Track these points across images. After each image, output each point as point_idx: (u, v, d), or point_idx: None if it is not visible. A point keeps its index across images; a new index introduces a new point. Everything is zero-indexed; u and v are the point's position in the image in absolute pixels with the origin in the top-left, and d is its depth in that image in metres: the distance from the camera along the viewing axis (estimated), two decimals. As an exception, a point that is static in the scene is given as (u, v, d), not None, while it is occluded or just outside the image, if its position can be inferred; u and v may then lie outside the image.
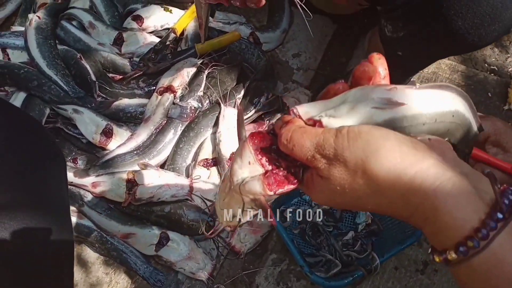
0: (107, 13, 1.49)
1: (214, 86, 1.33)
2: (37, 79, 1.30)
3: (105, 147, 1.25)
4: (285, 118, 0.49)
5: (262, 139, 0.50)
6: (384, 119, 0.45)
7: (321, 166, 0.44)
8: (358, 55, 1.50)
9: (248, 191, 0.50)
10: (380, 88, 0.45)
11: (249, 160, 0.50)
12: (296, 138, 0.45)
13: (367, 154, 0.41)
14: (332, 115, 0.46)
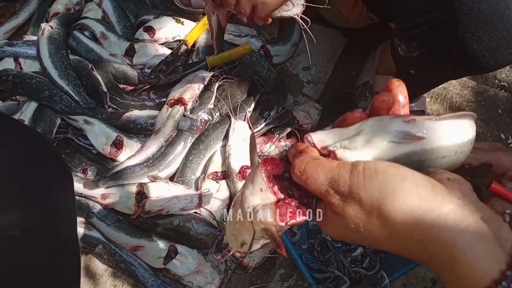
0: (119, 24, 1.50)
1: (224, 98, 1.33)
2: (49, 89, 1.31)
3: (115, 158, 1.25)
4: (299, 147, 0.48)
5: (275, 166, 0.49)
6: (401, 153, 0.44)
7: (335, 201, 0.43)
8: (368, 68, 1.50)
9: (259, 220, 0.49)
10: (399, 120, 0.44)
11: (261, 187, 0.49)
12: (310, 171, 0.44)
13: (383, 196, 0.40)
14: (347, 147, 0.45)
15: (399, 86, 0.46)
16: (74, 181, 1.18)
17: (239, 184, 1.19)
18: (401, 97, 0.46)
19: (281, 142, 1.31)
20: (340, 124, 0.48)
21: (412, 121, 0.44)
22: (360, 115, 0.47)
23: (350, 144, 0.45)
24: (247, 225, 0.51)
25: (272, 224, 0.48)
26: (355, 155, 0.44)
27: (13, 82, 1.32)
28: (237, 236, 0.55)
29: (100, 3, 1.54)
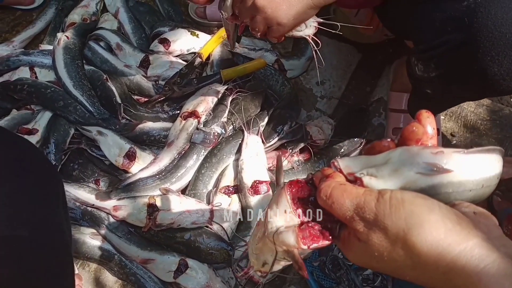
0: (135, 35, 1.51)
1: (238, 112, 1.33)
2: (63, 99, 1.32)
3: (128, 170, 1.25)
4: (325, 171, 0.48)
5: (300, 188, 0.49)
6: (428, 184, 0.44)
7: (359, 228, 0.43)
8: (382, 84, 1.50)
9: (282, 242, 0.49)
10: (427, 152, 0.44)
11: (285, 208, 0.49)
12: (336, 196, 0.44)
13: (409, 226, 0.40)
14: (374, 175, 0.45)
15: (428, 118, 0.47)
16: (86, 191, 1.20)
17: (251, 198, 1.19)
18: (430, 128, 0.46)
19: (294, 157, 1.30)
20: (368, 151, 0.48)
21: (440, 153, 0.44)
22: (388, 144, 0.47)
23: (377, 172, 0.45)
24: (269, 246, 0.51)
25: (295, 247, 0.48)
26: (381, 184, 0.44)
27: (28, 91, 1.33)
28: (259, 255, 0.55)
29: (116, 14, 1.56)
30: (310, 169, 1.29)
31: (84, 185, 1.23)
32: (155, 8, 1.62)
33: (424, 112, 0.47)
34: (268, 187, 1.20)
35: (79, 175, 1.28)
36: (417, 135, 0.46)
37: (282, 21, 0.85)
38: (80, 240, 1.17)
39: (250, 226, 1.19)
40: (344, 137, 1.35)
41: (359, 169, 0.47)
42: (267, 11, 0.84)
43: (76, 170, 1.28)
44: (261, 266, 0.56)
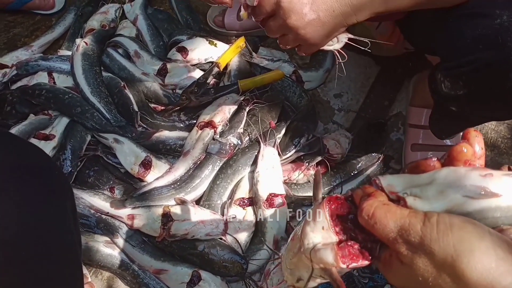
0: (153, 43, 1.51)
1: (254, 123, 1.32)
2: (81, 106, 1.32)
3: (143, 178, 1.25)
4: (367, 189, 0.47)
5: (339, 205, 0.48)
6: (475, 208, 0.42)
7: (403, 251, 0.42)
8: (401, 99, 1.48)
9: (319, 260, 0.48)
10: (475, 174, 0.42)
11: (323, 225, 0.48)
12: (379, 216, 0.43)
13: (458, 253, 0.39)
14: (418, 195, 0.44)
15: (477, 137, 0.45)
16: (101, 199, 1.20)
17: (266, 211, 1.18)
18: (478, 147, 0.45)
19: (310, 170, 1.29)
20: (412, 170, 0.47)
21: (489, 176, 0.42)
22: (433, 163, 0.45)
23: (422, 192, 0.44)
24: (305, 262, 0.50)
25: (333, 265, 0.47)
26: (426, 205, 0.43)
27: (46, 96, 1.33)
28: (293, 270, 0.54)
29: (134, 21, 1.56)
30: (326, 184, 1.28)
31: (99, 193, 1.23)
32: (174, 16, 1.62)
33: (473, 131, 0.45)
34: (284, 200, 1.19)
35: (94, 182, 1.27)
36: (466, 156, 0.44)
37: (315, 40, 0.84)
38: (94, 248, 1.17)
39: (264, 239, 1.17)
40: (361, 152, 1.34)
41: (402, 189, 0.45)
42: (300, 32, 0.82)
43: (91, 177, 1.28)
44: (295, 282, 0.55)
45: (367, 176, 1.31)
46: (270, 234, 1.17)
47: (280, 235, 1.18)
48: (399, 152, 1.39)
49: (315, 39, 0.85)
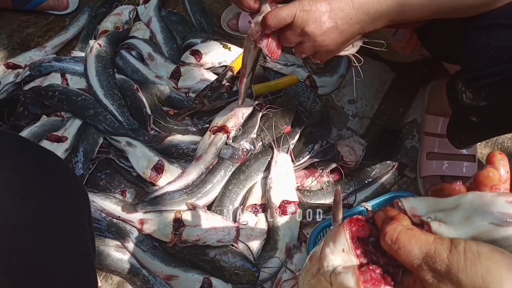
0: (166, 45, 1.50)
1: (268, 128, 1.30)
2: (94, 108, 1.31)
3: (155, 182, 1.24)
4: (389, 212, 0.46)
5: (360, 227, 0.47)
6: (502, 235, 0.40)
7: (428, 279, 0.40)
8: (416, 106, 1.46)
9: (340, 284, 0.46)
10: (501, 200, 0.41)
11: (343, 247, 0.47)
12: (403, 241, 0.42)
13: (487, 284, 0.37)
14: (443, 220, 0.42)
15: (502, 160, 0.44)
16: (112, 203, 1.19)
17: (278, 219, 1.16)
18: (503, 171, 0.44)
19: (324, 177, 1.27)
20: (435, 193, 0.45)
21: None
22: (459, 187, 0.44)
23: (446, 217, 0.42)
24: (324, 284, 0.49)
25: None
26: (452, 231, 0.41)
27: (59, 98, 1.33)
28: None
29: (148, 23, 1.55)
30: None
31: (111, 196, 1.22)
32: (187, 19, 1.62)
33: (498, 154, 0.44)
34: (296, 208, 1.17)
35: (106, 185, 1.27)
36: (493, 181, 0.43)
37: (332, 48, 0.85)
38: (104, 252, 1.16)
39: (276, 247, 1.16)
40: (375, 159, 1.32)
41: (425, 212, 0.44)
42: (317, 39, 0.83)
43: (103, 180, 1.27)
44: None
45: (381, 184, 1.30)
46: (282, 242, 1.16)
47: (292, 243, 1.16)
48: (413, 160, 1.36)
49: (332, 46, 0.85)
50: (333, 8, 0.80)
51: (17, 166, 0.63)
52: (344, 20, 0.81)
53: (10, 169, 0.62)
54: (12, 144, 0.66)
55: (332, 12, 0.80)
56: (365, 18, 0.81)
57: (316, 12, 0.80)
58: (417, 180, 1.33)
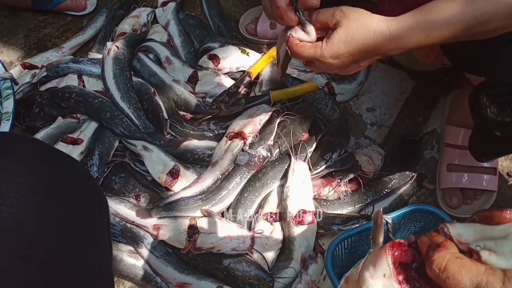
0: (184, 49, 1.49)
1: (285, 135, 1.28)
2: (110, 111, 1.30)
3: (170, 188, 1.22)
4: (435, 238, 0.44)
5: (402, 252, 0.45)
6: None
7: None
8: (436, 116, 1.43)
9: None
10: None
11: (384, 272, 0.45)
12: (452, 271, 0.40)
13: None
14: (493, 250, 0.40)
15: None
16: (127, 207, 1.18)
17: (294, 228, 1.14)
18: None
19: (341, 187, 1.25)
20: (483, 220, 0.43)
21: None
22: (509, 216, 0.42)
23: (496, 247, 0.40)
24: None
25: None
26: (503, 261, 0.39)
27: (76, 100, 1.32)
28: None
29: (166, 26, 1.54)
30: (357, 201, 1.24)
31: (125, 200, 1.21)
32: (205, 22, 1.60)
33: None
34: (313, 218, 1.15)
35: (120, 189, 1.25)
36: None
37: (350, 72, 0.88)
38: (117, 257, 1.15)
39: (291, 257, 1.14)
40: (394, 169, 1.30)
41: (473, 240, 0.42)
42: (336, 71, 0.86)
43: (117, 184, 1.26)
44: None
45: (399, 195, 1.27)
46: (298, 252, 1.14)
47: (308, 253, 1.14)
48: (432, 171, 1.34)
49: (350, 72, 0.88)
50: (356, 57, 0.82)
51: (39, 173, 0.62)
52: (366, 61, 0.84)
53: (32, 175, 0.61)
54: (34, 150, 0.65)
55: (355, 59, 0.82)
56: (386, 56, 0.84)
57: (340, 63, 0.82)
58: (436, 192, 1.31)
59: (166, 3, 1.58)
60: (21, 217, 0.57)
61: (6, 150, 0.62)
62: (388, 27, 0.78)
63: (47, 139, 1.26)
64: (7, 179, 0.58)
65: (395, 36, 0.78)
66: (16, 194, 0.57)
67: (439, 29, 0.76)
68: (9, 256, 0.55)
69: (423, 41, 0.78)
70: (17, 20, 1.65)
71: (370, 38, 0.78)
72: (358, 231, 1.10)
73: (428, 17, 0.77)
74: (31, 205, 0.58)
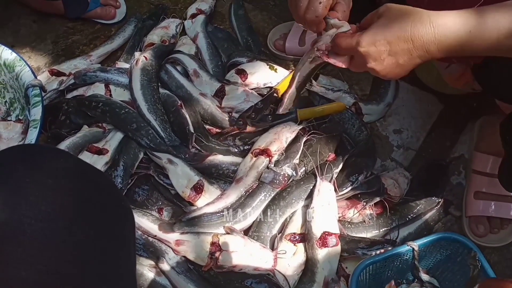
0: (211, 62, 1.48)
1: (311, 154, 1.27)
2: (136, 122, 1.29)
3: (193, 202, 1.21)
4: None
5: None
6: None
7: None
8: (464, 141, 1.41)
9: None
10: None
11: None
12: None
13: None
14: None
15: None
16: (149, 220, 1.17)
17: (318, 250, 1.12)
18: None
19: (366, 210, 1.23)
20: None
21: None
22: None
23: None
24: None
25: None
26: None
27: (103, 110, 1.32)
28: None
29: (194, 38, 1.53)
30: (382, 225, 1.22)
31: (148, 213, 1.20)
32: (234, 36, 1.60)
33: None
34: (338, 240, 1.13)
35: (143, 201, 1.25)
36: None
37: (393, 76, 0.86)
38: (138, 272, 1.14)
39: (314, 279, 1.12)
40: (420, 194, 1.28)
41: None
42: (379, 72, 0.85)
43: (140, 196, 1.25)
44: None
45: (425, 221, 1.25)
46: (320, 275, 1.12)
47: (331, 277, 1.12)
48: (459, 198, 1.31)
49: (393, 75, 0.86)
50: (393, 46, 0.80)
51: (70, 189, 0.62)
52: (405, 57, 0.81)
53: (64, 191, 0.61)
54: (67, 166, 0.65)
55: (392, 50, 0.80)
56: (425, 54, 0.80)
57: (376, 53, 0.81)
58: (462, 219, 1.28)
59: (195, 15, 1.58)
60: (50, 231, 0.57)
61: (40, 164, 0.62)
62: (429, 16, 0.77)
63: (72, 147, 1.26)
64: (39, 192, 0.58)
65: (435, 25, 0.76)
66: (46, 208, 0.58)
67: (483, 30, 0.74)
68: (37, 270, 0.55)
69: (465, 40, 0.75)
70: (45, 25, 1.66)
71: (408, 24, 0.77)
72: (383, 257, 1.08)
73: (472, 16, 0.75)
74: (60, 219, 0.58)
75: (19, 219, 0.55)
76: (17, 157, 0.63)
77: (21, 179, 0.58)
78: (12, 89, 1.35)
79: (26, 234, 0.55)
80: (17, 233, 0.55)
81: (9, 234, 0.55)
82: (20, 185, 0.58)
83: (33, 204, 0.57)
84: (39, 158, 0.63)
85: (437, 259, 1.13)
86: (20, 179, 0.58)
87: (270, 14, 1.67)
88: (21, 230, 0.55)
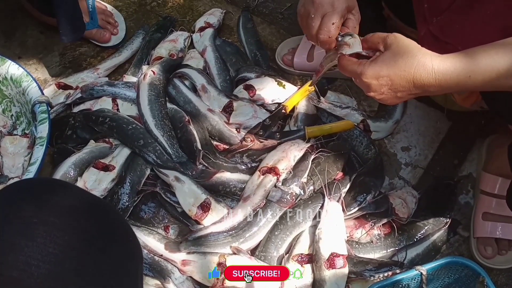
0: (219, 77, 1.47)
1: (319, 172, 1.26)
2: (144, 138, 1.29)
3: (200, 221, 1.20)
4: None
5: None
6: None
7: None
8: (472, 159, 1.40)
9: None
10: None
11: None
12: None
13: None
14: None
15: None
16: (155, 239, 1.17)
17: (325, 272, 1.12)
18: None
19: (374, 230, 1.22)
20: None
21: None
22: None
23: None
24: None
25: None
26: None
27: (110, 125, 1.31)
28: None
29: (202, 52, 1.53)
30: (390, 245, 1.21)
31: (154, 232, 1.19)
32: (242, 50, 1.59)
33: None
34: (345, 262, 1.13)
35: (149, 219, 1.24)
36: None
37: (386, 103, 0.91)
38: (144, 291, 1.13)
39: (321, 301, 1.11)
40: (428, 213, 1.27)
41: None
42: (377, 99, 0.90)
43: (146, 213, 1.25)
44: None
45: (433, 242, 1.24)
46: (328, 298, 1.11)
47: (338, 299, 1.12)
48: (467, 217, 1.31)
49: (388, 103, 0.91)
50: (394, 83, 0.83)
51: (78, 227, 0.62)
52: (404, 93, 0.86)
53: (71, 230, 0.61)
54: (73, 203, 0.65)
55: (393, 86, 0.84)
56: (423, 93, 0.85)
57: (377, 86, 0.85)
58: (470, 240, 1.27)
59: (203, 28, 1.57)
60: (58, 274, 0.57)
61: (46, 201, 0.62)
62: (432, 61, 0.80)
63: (79, 164, 1.25)
64: (46, 233, 0.58)
65: (436, 71, 0.79)
66: (54, 249, 0.57)
67: (483, 73, 0.77)
68: None
69: (464, 83, 0.79)
70: (53, 37, 1.64)
71: (412, 67, 0.80)
72: (391, 282, 1.08)
73: (472, 59, 0.78)
74: (68, 261, 0.58)
75: (26, 261, 0.55)
76: (24, 195, 0.62)
77: (28, 219, 0.58)
78: (19, 103, 1.35)
79: (33, 276, 0.54)
80: (24, 276, 0.54)
81: (16, 277, 0.54)
82: (27, 226, 0.57)
83: (41, 246, 0.56)
84: (46, 196, 0.63)
85: (445, 282, 1.12)
86: (27, 219, 0.58)
87: (279, 28, 1.66)
88: (28, 273, 0.54)
